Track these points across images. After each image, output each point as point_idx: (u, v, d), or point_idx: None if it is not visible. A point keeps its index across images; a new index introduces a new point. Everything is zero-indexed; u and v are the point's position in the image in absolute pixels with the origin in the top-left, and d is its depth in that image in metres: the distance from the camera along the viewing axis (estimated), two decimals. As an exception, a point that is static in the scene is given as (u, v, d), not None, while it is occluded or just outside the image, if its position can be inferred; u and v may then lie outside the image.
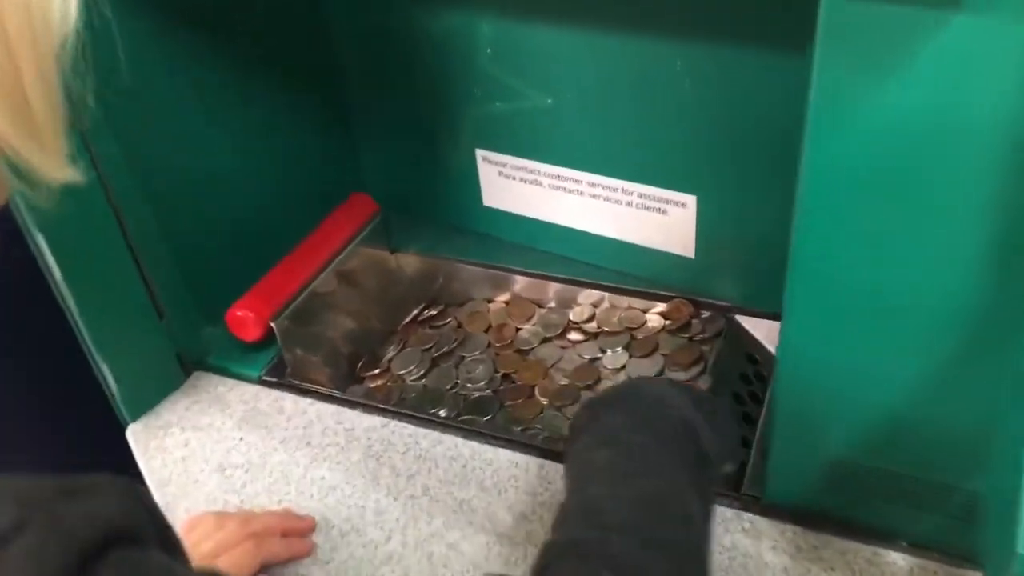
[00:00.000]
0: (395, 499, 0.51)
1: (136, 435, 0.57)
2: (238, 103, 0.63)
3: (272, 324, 0.59)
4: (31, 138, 0.27)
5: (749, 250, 0.60)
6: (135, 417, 0.58)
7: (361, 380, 0.66)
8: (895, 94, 0.32)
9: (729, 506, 0.49)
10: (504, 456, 0.53)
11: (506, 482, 0.51)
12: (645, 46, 0.54)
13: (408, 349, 0.68)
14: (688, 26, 0.52)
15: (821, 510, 0.46)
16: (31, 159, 0.27)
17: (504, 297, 0.70)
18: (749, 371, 0.60)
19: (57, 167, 0.28)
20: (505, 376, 0.64)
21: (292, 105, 0.68)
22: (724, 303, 0.63)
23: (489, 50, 0.61)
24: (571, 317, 0.67)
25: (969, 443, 0.40)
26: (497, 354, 0.66)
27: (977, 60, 0.30)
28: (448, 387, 0.64)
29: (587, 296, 0.67)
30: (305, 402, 0.59)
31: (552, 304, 0.69)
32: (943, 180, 0.33)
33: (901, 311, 0.38)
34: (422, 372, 0.65)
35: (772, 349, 0.61)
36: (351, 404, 0.58)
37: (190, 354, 0.62)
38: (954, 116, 0.31)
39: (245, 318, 0.59)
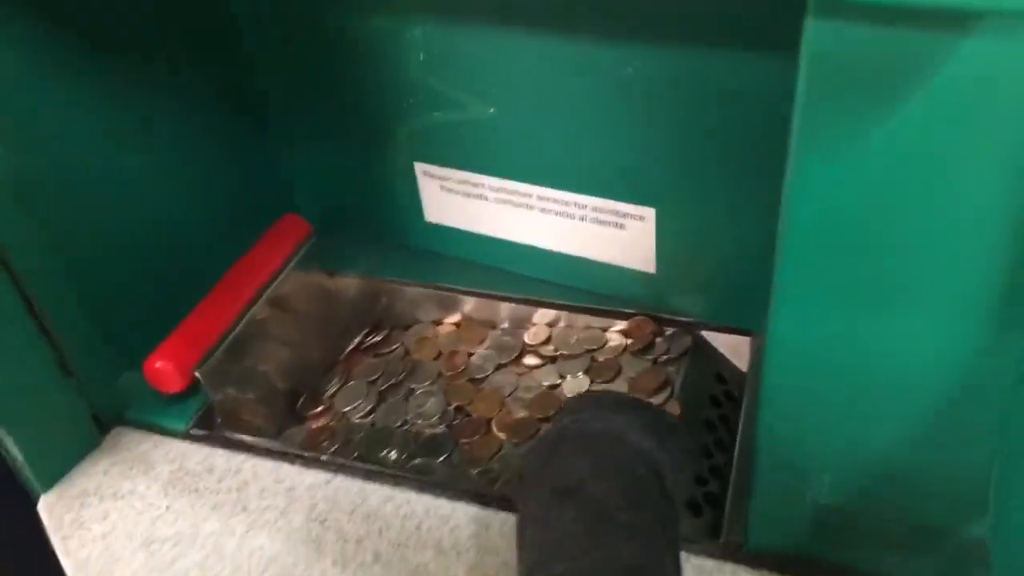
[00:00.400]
0: (343, 568, 0.46)
1: (50, 508, 0.51)
2: (141, 125, 0.56)
3: (197, 374, 0.53)
4: None
5: (714, 263, 0.56)
6: (47, 487, 0.52)
7: (302, 420, 0.61)
8: (892, 133, 0.27)
9: (709, 555, 0.45)
10: (462, 512, 0.48)
11: (465, 541, 0.47)
12: (592, 51, 0.49)
13: (352, 382, 0.62)
14: (639, 29, 0.47)
15: (810, 557, 0.43)
16: None
17: (453, 319, 0.65)
18: (719, 392, 0.56)
19: None
20: (459, 409, 0.59)
21: (206, 123, 0.61)
22: (688, 319, 0.59)
23: (422, 56, 0.55)
24: (526, 339, 0.62)
25: (968, 487, 0.37)
26: (449, 384, 0.61)
27: (991, 92, 0.25)
28: (397, 424, 0.59)
29: (542, 316, 0.62)
30: (239, 458, 0.53)
31: (505, 325, 0.64)
32: (944, 229, 0.29)
33: (892, 360, 0.34)
34: (369, 408, 0.60)
35: (740, 366, 0.58)
36: (290, 458, 0.53)
37: (106, 408, 0.55)
38: (959, 158, 0.27)
39: (164, 370, 0.53)
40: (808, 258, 0.32)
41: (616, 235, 0.57)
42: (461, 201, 0.62)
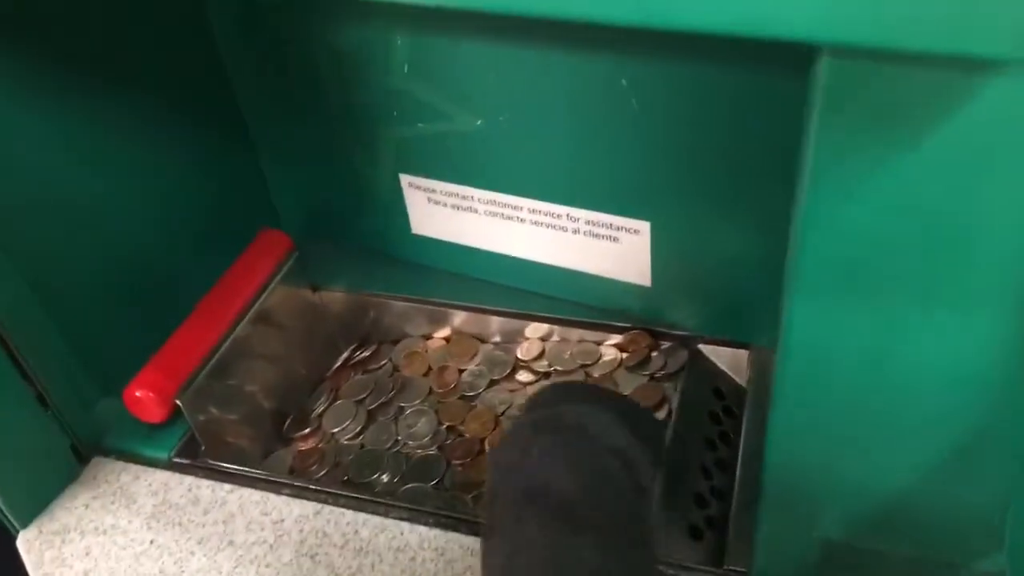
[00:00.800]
0: (336, 606, 0.44)
1: (29, 544, 0.49)
2: (113, 136, 0.53)
3: (178, 402, 0.51)
4: None
5: (710, 276, 0.54)
6: (26, 523, 0.50)
7: (289, 442, 0.59)
8: (907, 168, 0.26)
9: (712, 584, 0.44)
10: (456, 544, 0.47)
11: (460, 574, 0.45)
12: (585, 62, 0.47)
13: (340, 401, 0.61)
14: (632, 41, 0.45)
15: (815, 589, 0.42)
16: None
17: (443, 333, 0.63)
18: (718, 408, 0.55)
19: None
20: (451, 428, 0.58)
21: (185, 137, 0.59)
22: (685, 332, 0.57)
23: (406, 67, 0.53)
24: (519, 354, 0.60)
25: (979, 522, 0.36)
26: (440, 402, 0.59)
27: (1006, 132, 0.24)
28: (388, 446, 0.57)
29: (535, 330, 0.61)
30: (224, 489, 0.51)
31: (497, 339, 0.62)
32: (958, 259, 0.28)
33: (906, 395, 0.32)
34: (358, 429, 0.59)
35: (739, 379, 0.56)
36: (277, 487, 0.51)
37: (85, 438, 0.53)
38: (976, 193, 0.26)
39: (145, 399, 0.51)
40: (821, 282, 0.30)
41: (610, 248, 0.55)
42: (449, 213, 0.60)
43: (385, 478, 0.55)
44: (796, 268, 0.30)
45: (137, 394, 0.51)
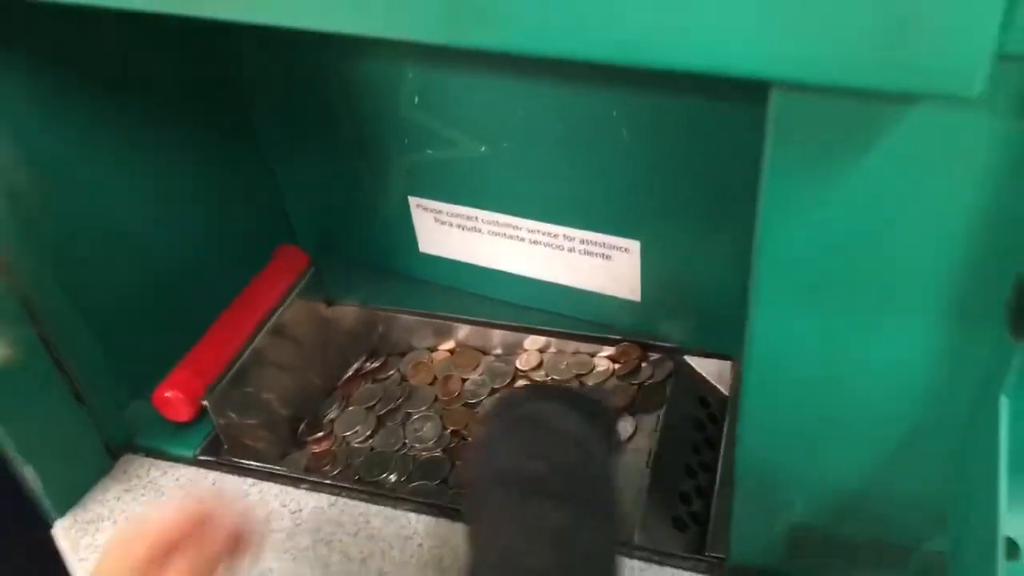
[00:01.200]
0: (349, 588, 0.48)
1: (65, 532, 0.54)
2: (147, 161, 0.59)
3: (205, 403, 0.56)
4: None
5: (695, 291, 0.59)
6: (62, 512, 0.54)
7: (303, 445, 0.63)
8: (848, 188, 0.30)
9: (694, 569, 0.48)
10: (459, 532, 0.51)
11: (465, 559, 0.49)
12: (579, 95, 0.52)
13: (351, 408, 0.65)
14: (622, 77, 0.50)
15: (787, 572, 0.46)
16: None
17: (448, 346, 0.68)
18: (702, 415, 0.59)
19: None
20: (455, 432, 0.62)
21: (209, 159, 0.64)
22: (672, 345, 0.62)
23: (416, 98, 0.58)
24: (518, 365, 0.65)
25: (925, 508, 0.40)
26: (445, 409, 0.64)
27: (929, 155, 0.29)
28: (396, 448, 0.61)
29: (533, 342, 0.65)
30: (247, 483, 0.56)
31: (498, 351, 0.67)
32: (896, 271, 0.32)
33: (855, 396, 0.37)
34: (368, 433, 0.63)
35: (723, 389, 0.61)
36: (295, 482, 0.56)
37: (116, 436, 0.58)
38: (907, 211, 0.30)
39: (174, 399, 0.56)
40: (778, 293, 0.35)
41: (604, 266, 0.60)
42: (455, 233, 0.65)
43: (393, 477, 0.59)
44: (755, 282, 0.35)
45: (167, 394, 0.56)
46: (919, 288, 0.33)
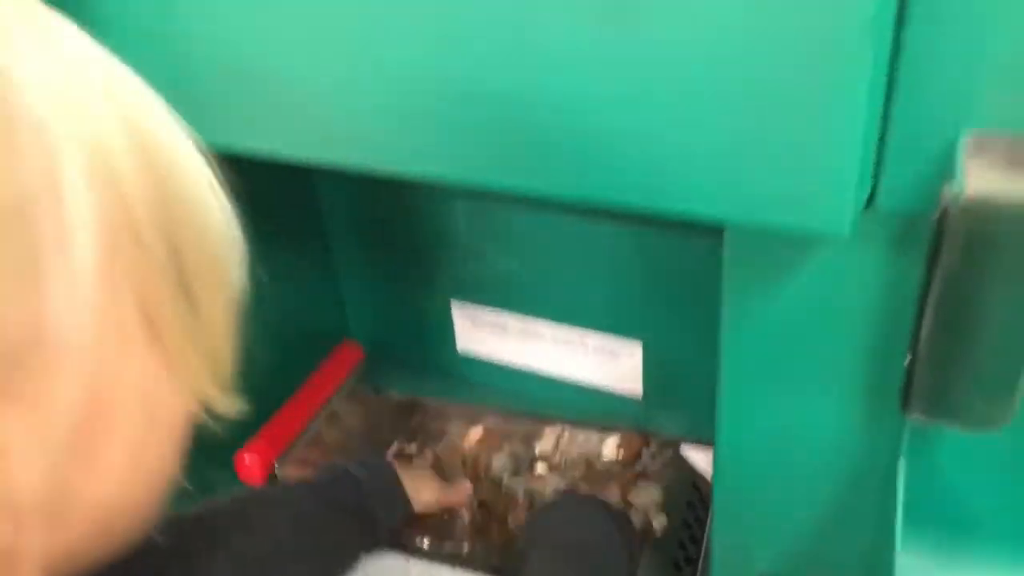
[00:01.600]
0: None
1: None
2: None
3: (275, 471, 0.67)
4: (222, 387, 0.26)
5: (691, 387, 0.69)
6: None
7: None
8: (781, 298, 0.42)
9: (680, 619, 0.57)
10: (484, 582, 0.60)
11: (487, 605, 0.59)
12: (596, 229, 0.65)
13: (391, 483, 0.75)
14: (631, 219, 0.63)
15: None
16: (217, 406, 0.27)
17: (476, 431, 0.79)
18: (694, 498, 0.69)
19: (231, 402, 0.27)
20: (481, 505, 0.72)
21: (287, 265, 0.77)
22: (670, 436, 0.72)
23: (463, 223, 0.72)
24: (536, 450, 0.75)
25: (868, 559, 0.50)
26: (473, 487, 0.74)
27: (829, 283, 0.40)
28: (430, 517, 0.71)
29: (550, 430, 0.76)
30: (304, 537, 0.66)
31: (520, 437, 0.77)
32: (825, 364, 0.43)
33: (805, 464, 0.47)
34: (405, 504, 0.73)
35: (709, 477, 0.70)
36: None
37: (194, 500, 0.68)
38: (828, 318, 0.42)
39: (252, 463, 0.67)
40: (740, 380, 0.46)
41: (611, 365, 0.71)
42: (488, 334, 0.77)
43: (427, 540, 0.69)
44: (721, 372, 0.46)
45: (246, 459, 0.67)
46: (845, 375, 0.43)
